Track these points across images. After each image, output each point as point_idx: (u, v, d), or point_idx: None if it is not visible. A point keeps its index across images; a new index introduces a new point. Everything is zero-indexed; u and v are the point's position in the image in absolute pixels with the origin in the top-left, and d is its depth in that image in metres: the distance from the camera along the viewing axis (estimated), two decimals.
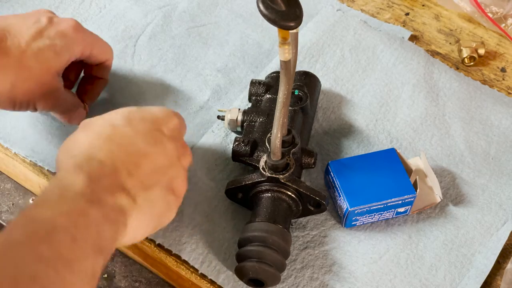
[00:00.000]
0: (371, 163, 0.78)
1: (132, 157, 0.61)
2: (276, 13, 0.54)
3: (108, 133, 0.62)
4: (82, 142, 0.62)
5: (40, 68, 0.72)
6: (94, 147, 0.61)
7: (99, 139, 0.61)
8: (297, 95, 0.81)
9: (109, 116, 0.65)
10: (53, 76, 0.74)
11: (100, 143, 0.61)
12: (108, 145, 0.61)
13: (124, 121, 0.64)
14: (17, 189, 0.86)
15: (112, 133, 0.62)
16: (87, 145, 0.61)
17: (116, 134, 0.62)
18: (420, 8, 1.01)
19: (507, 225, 0.79)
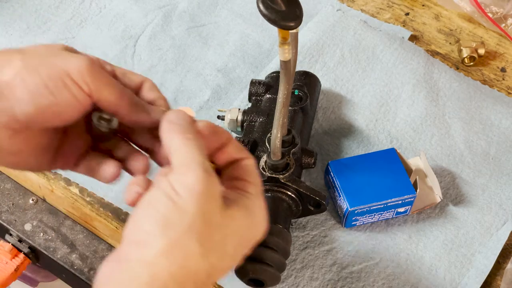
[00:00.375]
0: (371, 163, 0.78)
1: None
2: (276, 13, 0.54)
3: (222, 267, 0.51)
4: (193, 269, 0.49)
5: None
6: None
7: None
8: (297, 95, 0.81)
9: (229, 235, 0.52)
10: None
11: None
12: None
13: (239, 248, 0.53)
14: (17, 189, 0.86)
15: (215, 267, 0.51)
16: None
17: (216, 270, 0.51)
18: (420, 8, 1.01)
19: (507, 225, 0.79)
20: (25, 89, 0.54)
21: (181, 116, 0.55)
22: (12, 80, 0.54)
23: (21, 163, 0.59)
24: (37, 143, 0.58)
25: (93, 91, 0.55)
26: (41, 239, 0.82)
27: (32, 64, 0.55)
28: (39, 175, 0.81)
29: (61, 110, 0.55)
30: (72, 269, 0.80)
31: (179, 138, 0.53)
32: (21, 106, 0.54)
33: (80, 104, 0.55)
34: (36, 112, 0.54)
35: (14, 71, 0.54)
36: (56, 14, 0.97)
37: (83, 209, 0.80)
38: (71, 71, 0.54)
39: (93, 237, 0.82)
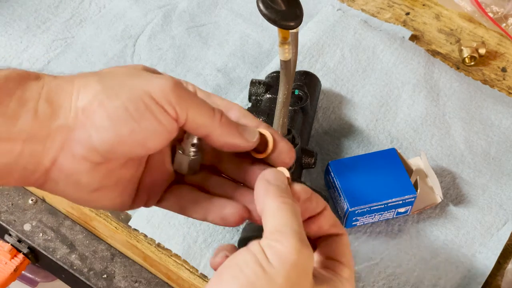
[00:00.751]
0: (371, 163, 0.78)
1: None
2: (276, 12, 0.54)
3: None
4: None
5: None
6: None
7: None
8: (297, 95, 0.81)
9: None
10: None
11: None
12: None
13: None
14: (16, 189, 0.85)
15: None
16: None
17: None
18: (421, 7, 1.01)
19: (508, 225, 0.79)
20: (104, 115, 0.48)
21: (279, 177, 0.51)
22: (90, 106, 0.48)
23: (102, 200, 0.53)
24: (119, 176, 0.52)
25: (180, 113, 0.49)
26: (40, 239, 0.82)
27: (111, 86, 0.49)
28: None
29: (144, 138, 0.49)
30: (71, 270, 0.80)
31: (275, 201, 0.49)
32: (100, 134, 0.48)
33: (165, 129, 0.49)
34: (117, 141, 0.48)
35: (91, 95, 0.48)
36: (56, 13, 0.97)
37: (83, 209, 0.80)
38: (153, 92, 0.48)
39: (92, 238, 0.82)
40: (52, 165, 0.49)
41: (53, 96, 0.48)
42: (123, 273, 0.80)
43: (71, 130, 0.48)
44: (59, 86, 0.49)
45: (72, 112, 0.48)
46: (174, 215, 0.76)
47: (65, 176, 0.50)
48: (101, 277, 0.79)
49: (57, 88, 0.49)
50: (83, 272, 0.80)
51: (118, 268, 0.80)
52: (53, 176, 0.50)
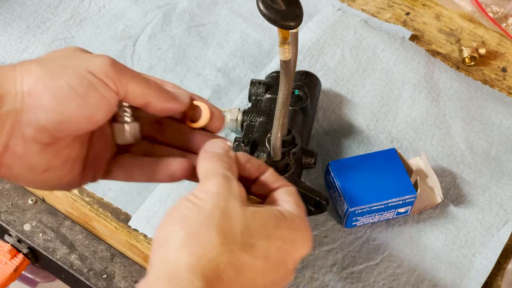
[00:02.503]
0: (371, 163, 0.78)
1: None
2: (276, 12, 0.54)
3: (242, 260, 0.48)
4: (209, 253, 0.48)
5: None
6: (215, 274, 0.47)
7: (227, 264, 0.48)
8: (297, 95, 0.81)
9: (253, 226, 0.50)
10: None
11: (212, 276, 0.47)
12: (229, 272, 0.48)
13: (266, 243, 0.50)
14: (16, 189, 0.85)
15: (246, 261, 0.49)
16: (204, 266, 0.47)
17: (251, 264, 0.49)
18: (421, 7, 1.01)
19: (508, 226, 0.79)
20: (50, 95, 0.50)
21: (218, 145, 0.56)
22: (35, 88, 0.50)
23: (52, 180, 0.55)
24: (66, 155, 0.55)
25: (120, 86, 0.53)
26: (40, 240, 0.82)
27: (52, 69, 0.52)
28: None
29: (90, 112, 0.52)
30: (71, 270, 0.80)
31: (208, 161, 0.54)
32: (48, 114, 0.51)
33: (108, 102, 0.52)
34: (65, 118, 0.51)
35: (35, 78, 0.51)
36: (56, 13, 0.97)
37: (82, 209, 0.80)
38: (94, 69, 0.52)
39: (92, 238, 0.82)
40: (4, 150, 0.51)
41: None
42: (123, 273, 0.80)
43: (19, 113, 0.50)
44: (1, 75, 0.51)
45: (18, 96, 0.51)
46: None
47: (18, 160, 0.52)
48: (101, 277, 0.79)
49: (0, 76, 0.51)
50: (83, 272, 0.80)
51: (118, 268, 0.80)
52: (6, 161, 0.52)
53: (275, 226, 0.51)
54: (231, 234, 0.48)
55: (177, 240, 0.48)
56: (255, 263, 0.49)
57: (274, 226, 0.51)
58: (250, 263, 0.49)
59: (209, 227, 0.48)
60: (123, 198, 0.80)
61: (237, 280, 0.48)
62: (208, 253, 0.47)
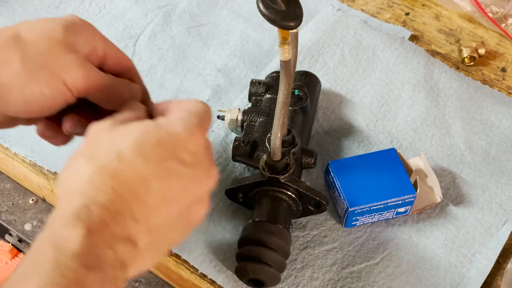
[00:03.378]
0: (371, 163, 0.78)
1: (138, 196, 0.52)
2: (276, 13, 0.54)
3: (113, 167, 0.52)
4: (82, 177, 0.52)
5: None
6: (95, 187, 0.51)
7: (101, 175, 0.51)
8: (297, 95, 0.81)
9: (118, 138, 0.53)
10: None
11: (102, 180, 0.51)
12: (111, 184, 0.51)
13: (135, 149, 0.52)
14: (16, 189, 0.85)
15: (118, 168, 0.52)
16: (87, 183, 0.51)
17: (122, 169, 0.52)
18: (420, 8, 1.01)
19: (508, 225, 0.79)
20: (20, 95, 0.56)
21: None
22: (9, 82, 0.55)
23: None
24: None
25: (82, 94, 0.58)
26: None
27: (32, 69, 0.56)
28: (39, 175, 0.81)
29: (50, 111, 0.58)
30: None
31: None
32: (12, 109, 0.57)
33: (68, 103, 0.58)
34: (26, 114, 0.58)
35: (12, 72, 0.55)
36: (56, 14, 0.97)
37: None
38: (68, 82, 0.57)
39: None
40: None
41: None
42: None
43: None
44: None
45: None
46: None
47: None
48: None
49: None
50: None
51: None
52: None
53: (156, 137, 0.53)
54: (95, 147, 0.53)
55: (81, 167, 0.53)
56: (153, 171, 0.52)
57: (155, 137, 0.53)
58: (146, 168, 0.52)
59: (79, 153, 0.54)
60: None
61: (141, 189, 0.52)
62: (106, 162, 0.52)
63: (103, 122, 0.55)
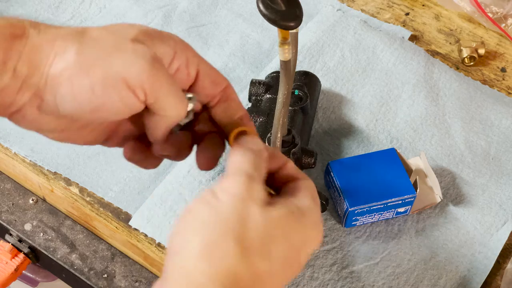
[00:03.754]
0: (371, 163, 0.78)
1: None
2: (276, 13, 0.54)
3: (264, 270, 0.48)
4: (225, 260, 0.47)
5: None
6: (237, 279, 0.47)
7: (247, 270, 0.47)
8: (297, 95, 0.81)
9: (274, 232, 0.48)
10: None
11: (244, 276, 0.47)
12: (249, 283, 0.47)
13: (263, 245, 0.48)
14: (17, 189, 0.85)
15: (269, 271, 0.48)
16: (230, 275, 0.47)
17: (270, 274, 0.48)
18: (420, 8, 1.01)
19: (507, 225, 0.79)
20: (69, 90, 0.49)
21: (252, 141, 0.53)
22: (59, 76, 0.49)
23: (66, 138, 0.55)
24: (83, 126, 0.54)
25: (148, 98, 0.50)
26: (41, 239, 0.82)
27: (86, 61, 0.49)
28: (39, 175, 0.81)
29: (107, 114, 0.50)
30: (72, 269, 0.80)
31: (237, 155, 0.51)
32: (63, 104, 0.49)
33: (130, 108, 0.50)
34: (78, 112, 0.50)
35: (64, 64, 0.49)
36: (56, 14, 0.97)
37: (83, 209, 0.80)
38: (129, 77, 0.49)
39: (93, 237, 0.82)
40: (16, 112, 0.51)
41: (32, 56, 0.50)
42: (123, 273, 0.80)
43: (40, 90, 0.50)
44: (40, 47, 0.50)
45: (43, 77, 0.50)
46: (174, 214, 0.77)
47: (27, 122, 0.52)
48: (101, 276, 0.80)
49: (38, 48, 0.50)
50: (84, 271, 0.80)
51: (118, 267, 0.80)
52: (15, 119, 0.52)
53: (293, 226, 0.50)
54: (249, 242, 0.47)
55: (194, 248, 0.47)
56: (272, 268, 0.49)
57: (292, 227, 0.50)
58: (267, 268, 0.48)
59: (227, 236, 0.47)
60: (123, 198, 0.80)
61: (255, 286, 0.48)
62: (226, 262, 0.46)
63: (251, 197, 0.48)
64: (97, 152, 0.83)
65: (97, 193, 0.80)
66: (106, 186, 0.81)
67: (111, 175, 0.82)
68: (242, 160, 0.50)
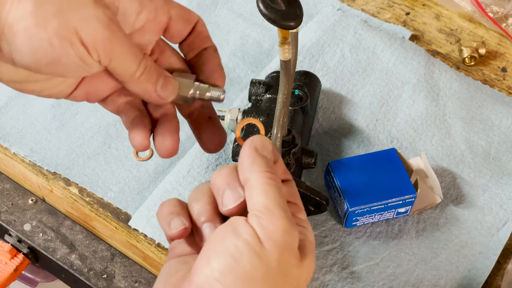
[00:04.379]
0: (371, 163, 0.78)
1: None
2: (276, 12, 0.54)
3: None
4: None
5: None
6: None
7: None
8: (297, 95, 0.81)
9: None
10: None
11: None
12: None
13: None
14: (16, 189, 0.85)
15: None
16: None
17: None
18: (421, 7, 1.01)
19: (508, 225, 0.79)
20: (26, 42, 0.47)
21: (266, 147, 0.50)
22: (16, 26, 0.47)
23: (33, 89, 0.52)
24: (47, 76, 0.52)
25: (103, 59, 0.49)
26: (40, 239, 0.82)
27: (43, 11, 0.47)
28: (38, 175, 0.81)
29: (63, 70, 0.49)
30: (71, 270, 0.80)
31: (262, 177, 0.48)
32: (18, 55, 0.48)
33: (87, 67, 0.49)
34: (34, 65, 0.48)
35: (20, 14, 0.47)
36: None
37: (83, 209, 0.80)
38: (84, 34, 0.47)
39: (92, 238, 0.82)
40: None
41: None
42: (123, 273, 0.80)
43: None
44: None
45: (1, 23, 0.48)
46: None
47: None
48: (101, 277, 0.79)
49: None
50: (83, 272, 0.80)
51: (118, 268, 0.80)
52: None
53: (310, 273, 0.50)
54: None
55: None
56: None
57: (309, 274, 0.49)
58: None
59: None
60: (123, 198, 0.80)
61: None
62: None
63: (292, 249, 0.47)
64: (97, 153, 0.83)
65: (96, 193, 0.80)
66: (106, 186, 0.81)
67: (110, 175, 0.82)
68: (275, 191, 0.48)
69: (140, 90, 0.51)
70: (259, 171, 0.49)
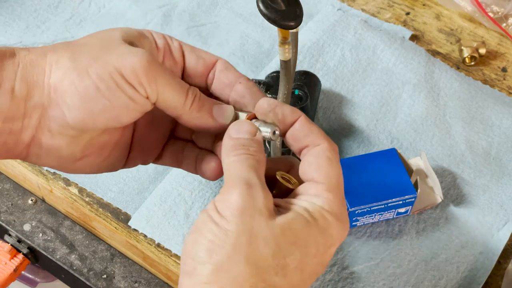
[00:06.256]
0: (371, 163, 0.78)
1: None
2: (276, 12, 0.54)
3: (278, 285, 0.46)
4: (236, 280, 0.45)
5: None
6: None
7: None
8: (297, 95, 0.81)
9: (286, 251, 0.47)
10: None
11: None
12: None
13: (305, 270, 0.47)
14: (16, 189, 0.85)
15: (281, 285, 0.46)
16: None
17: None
18: (421, 7, 1.01)
19: (508, 226, 0.79)
20: (74, 94, 0.48)
21: (243, 129, 0.51)
22: (60, 84, 0.48)
23: (88, 167, 0.54)
24: (101, 143, 0.53)
25: (150, 93, 0.49)
26: (40, 240, 0.82)
27: (81, 63, 0.49)
28: (38, 175, 0.81)
29: (116, 114, 0.49)
30: (71, 270, 0.80)
31: (229, 158, 0.49)
32: (72, 113, 0.49)
33: (138, 105, 0.50)
34: (89, 117, 0.49)
35: (61, 72, 0.48)
36: (55, 13, 0.97)
37: (82, 210, 0.80)
38: (124, 70, 0.48)
39: (92, 238, 0.82)
40: (31, 141, 0.51)
41: (28, 74, 0.49)
42: (122, 273, 0.80)
43: (45, 108, 0.49)
44: (33, 63, 0.50)
45: (45, 90, 0.49)
46: (173, 215, 0.76)
47: (45, 151, 0.51)
48: (100, 277, 0.79)
49: (31, 64, 0.50)
50: (83, 272, 0.80)
51: (118, 268, 0.80)
52: (34, 151, 0.51)
53: (306, 232, 0.47)
54: (262, 261, 0.45)
55: (205, 273, 0.45)
56: (291, 280, 0.47)
57: (305, 233, 0.47)
58: (286, 282, 0.46)
59: (238, 257, 0.45)
60: (123, 198, 0.80)
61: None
62: (240, 286, 0.45)
63: (255, 209, 0.47)
64: None
65: (96, 193, 0.80)
66: (106, 187, 0.81)
67: (110, 175, 0.81)
68: (237, 165, 0.49)
69: (195, 119, 0.52)
70: (226, 154, 0.50)
